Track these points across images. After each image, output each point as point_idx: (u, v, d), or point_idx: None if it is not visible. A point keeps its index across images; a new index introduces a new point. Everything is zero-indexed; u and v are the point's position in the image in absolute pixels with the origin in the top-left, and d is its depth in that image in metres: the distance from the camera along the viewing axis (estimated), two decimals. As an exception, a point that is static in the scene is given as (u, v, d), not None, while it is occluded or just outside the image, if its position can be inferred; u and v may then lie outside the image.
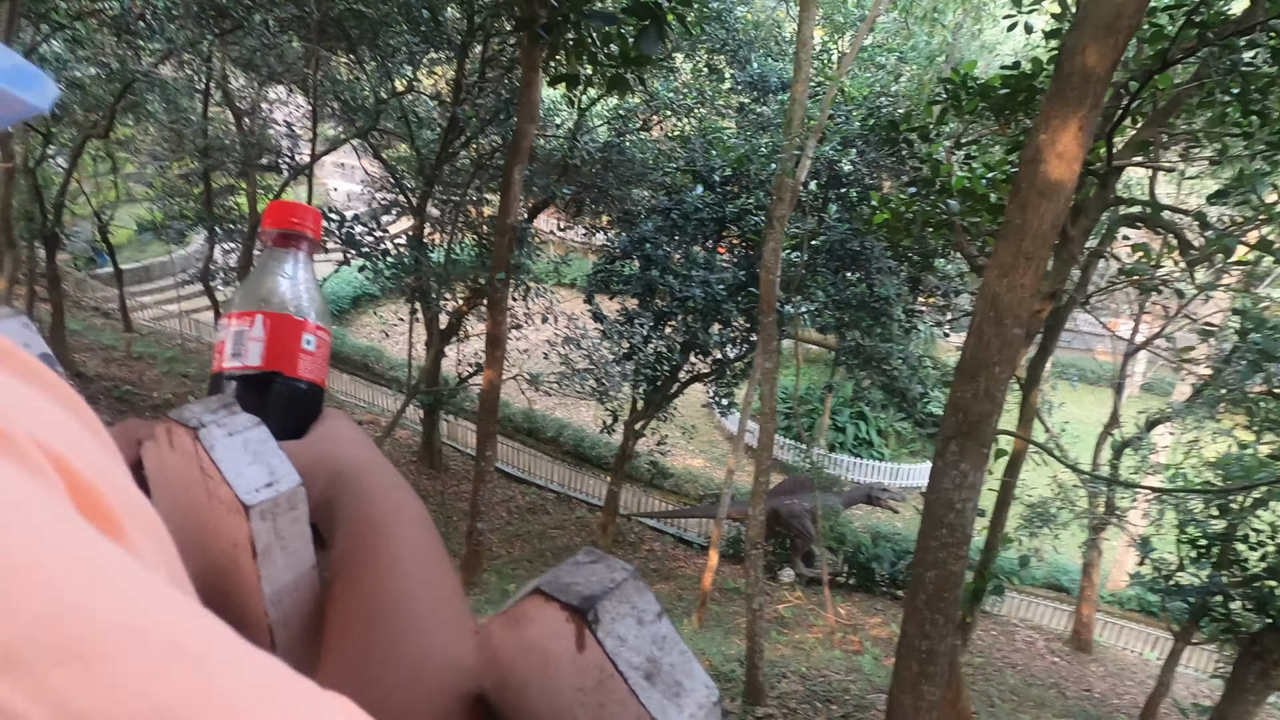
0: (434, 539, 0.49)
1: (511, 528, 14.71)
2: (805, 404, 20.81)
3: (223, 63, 11.55)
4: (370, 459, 0.55)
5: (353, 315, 24.42)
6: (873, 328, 11.34)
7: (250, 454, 0.38)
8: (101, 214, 17.09)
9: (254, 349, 0.55)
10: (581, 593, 0.31)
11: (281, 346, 0.56)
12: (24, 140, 12.77)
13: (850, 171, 10.79)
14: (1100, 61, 3.57)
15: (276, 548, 0.38)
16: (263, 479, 0.38)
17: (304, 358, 0.57)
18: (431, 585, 0.44)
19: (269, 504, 0.38)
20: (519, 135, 8.35)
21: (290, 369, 0.57)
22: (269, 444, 0.40)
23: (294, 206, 0.59)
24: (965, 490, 4.25)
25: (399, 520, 0.48)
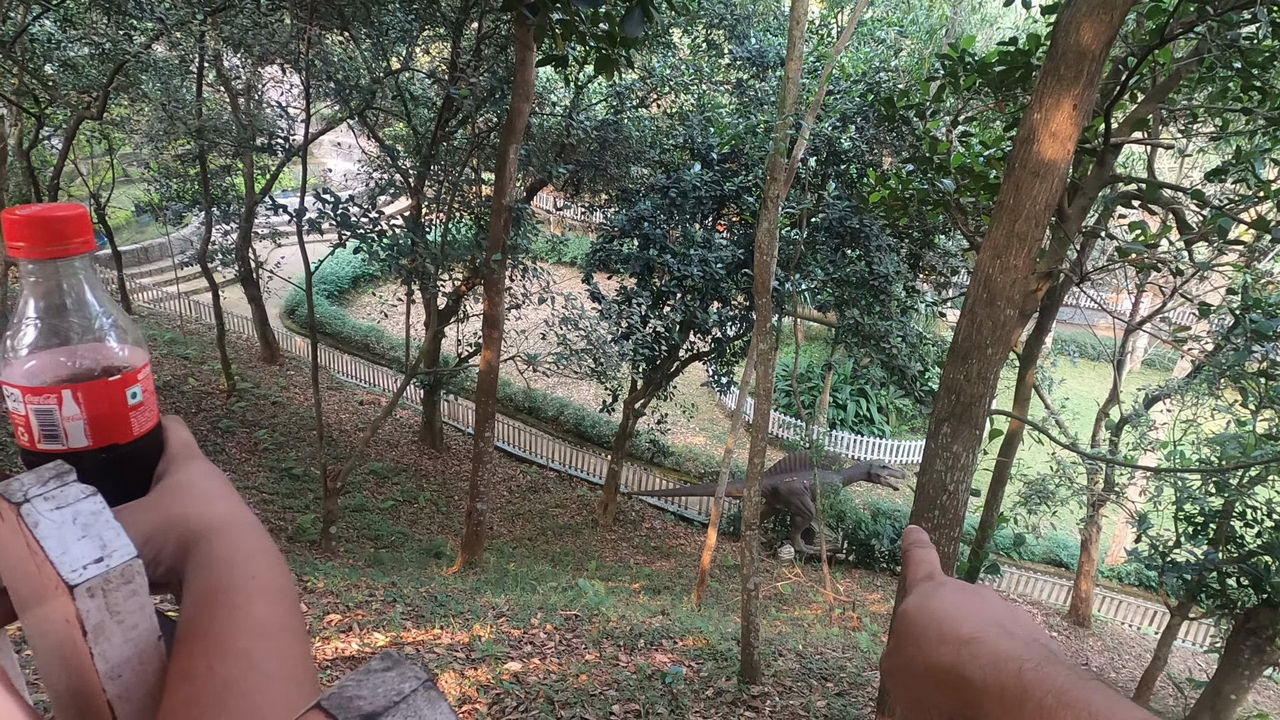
0: (282, 610, 0.46)
1: (513, 507, 14.78)
2: (806, 382, 20.79)
3: (215, 42, 11.42)
4: (224, 515, 0.50)
5: (352, 295, 24.40)
6: (872, 305, 11.29)
7: (80, 528, 0.37)
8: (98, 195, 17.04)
9: (74, 429, 0.48)
10: (361, 709, 0.29)
11: (107, 417, 0.50)
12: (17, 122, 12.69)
13: (849, 148, 10.69)
14: (1095, 39, 3.51)
15: (111, 623, 0.37)
16: (92, 554, 0.36)
17: (134, 415, 0.51)
18: (262, 670, 0.41)
19: (98, 581, 0.36)
20: (514, 114, 8.28)
21: (124, 437, 0.51)
22: (102, 515, 0.38)
23: (53, 221, 0.47)
24: (958, 472, 4.24)
25: (242, 591, 0.45)
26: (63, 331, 0.49)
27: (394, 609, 6.18)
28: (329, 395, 16.69)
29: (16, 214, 0.46)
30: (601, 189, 13.03)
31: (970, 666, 0.39)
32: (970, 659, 0.39)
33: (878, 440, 19.23)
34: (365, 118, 12.49)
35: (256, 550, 0.49)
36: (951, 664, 0.40)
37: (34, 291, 0.49)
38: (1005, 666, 0.38)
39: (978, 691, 0.38)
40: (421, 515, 13.02)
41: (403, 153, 14.02)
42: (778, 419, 19.60)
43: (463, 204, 12.33)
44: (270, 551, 0.50)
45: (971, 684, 0.39)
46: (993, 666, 0.38)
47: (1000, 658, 0.38)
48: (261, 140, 12.69)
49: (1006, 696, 0.36)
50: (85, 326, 0.50)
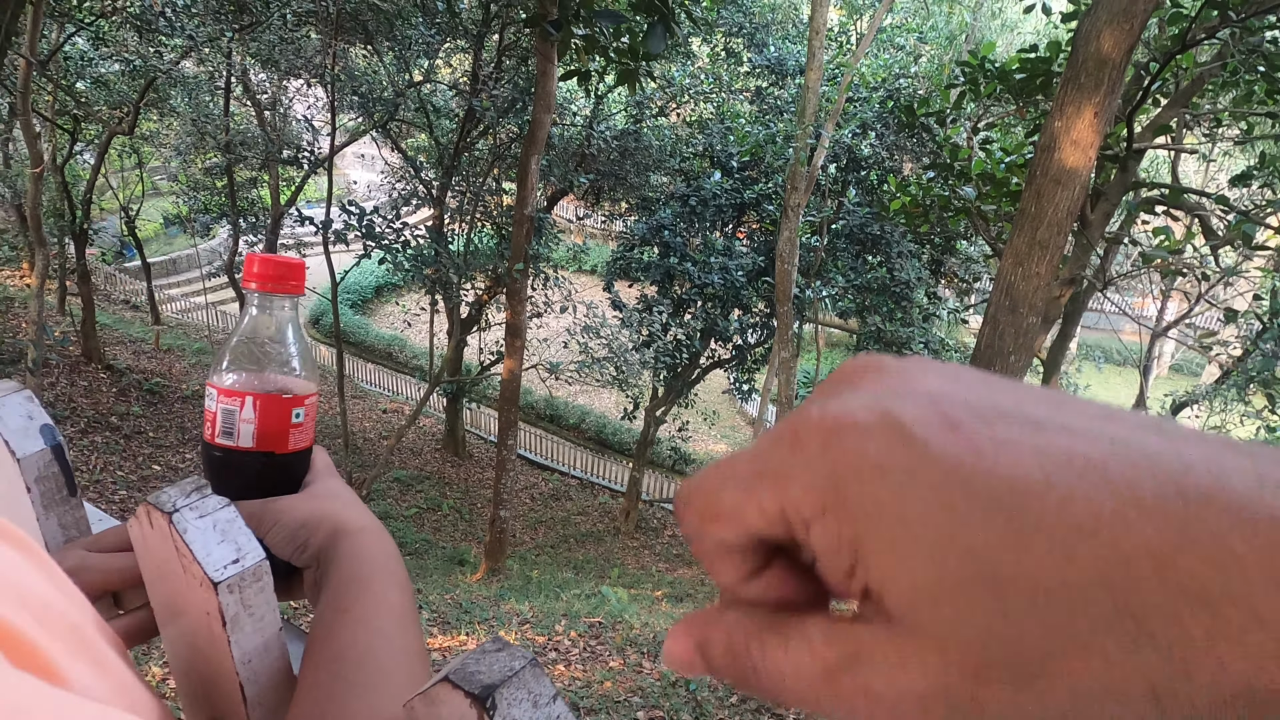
0: (409, 601, 0.54)
1: (535, 514, 14.86)
2: (827, 388, 20.71)
3: (242, 57, 11.65)
4: (366, 520, 0.59)
5: (376, 305, 24.65)
6: (894, 312, 11.28)
7: (219, 533, 0.43)
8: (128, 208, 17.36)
9: (245, 430, 0.57)
10: (482, 681, 0.35)
11: (272, 428, 0.58)
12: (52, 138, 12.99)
13: (870, 155, 10.71)
14: (1116, 47, 3.52)
15: (244, 616, 0.43)
16: (230, 556, 0.42)
17: (294, 432, 0.59)
18: (396, 645, 0.48)
19: (235, 579, 0.42)
20: (535, 125, 8.37)
21: (281, 448, 0.59)
22: (236, 523, 0.44)
23: (283, 264, 0.59)
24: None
25: (381, 580, 0.52)
26: (263, 353, 0.59)
27: (420, 615, 6.25)
28: (353, 404, 16.89)
29: (256, 255, 0.59)
30: (622, 198, 13.12)
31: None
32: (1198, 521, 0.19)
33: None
34: (388, 130, 12.67)
35: (391, 552, 0.58)
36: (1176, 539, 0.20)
37: (252, 317, 0.60)
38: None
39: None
40: (445, 523, 13.13)
41: (425, 164, 14.20)
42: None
43: (484, 214, 12.46)
44: (399, 556, 0.59)
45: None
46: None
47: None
48: (288, 153, 12.90)
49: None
50: (279, 353, 0.60)
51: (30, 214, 8.21)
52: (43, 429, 0.49)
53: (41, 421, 0.49)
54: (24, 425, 0.48)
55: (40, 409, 0.49)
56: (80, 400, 11.59)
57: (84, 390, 11.93)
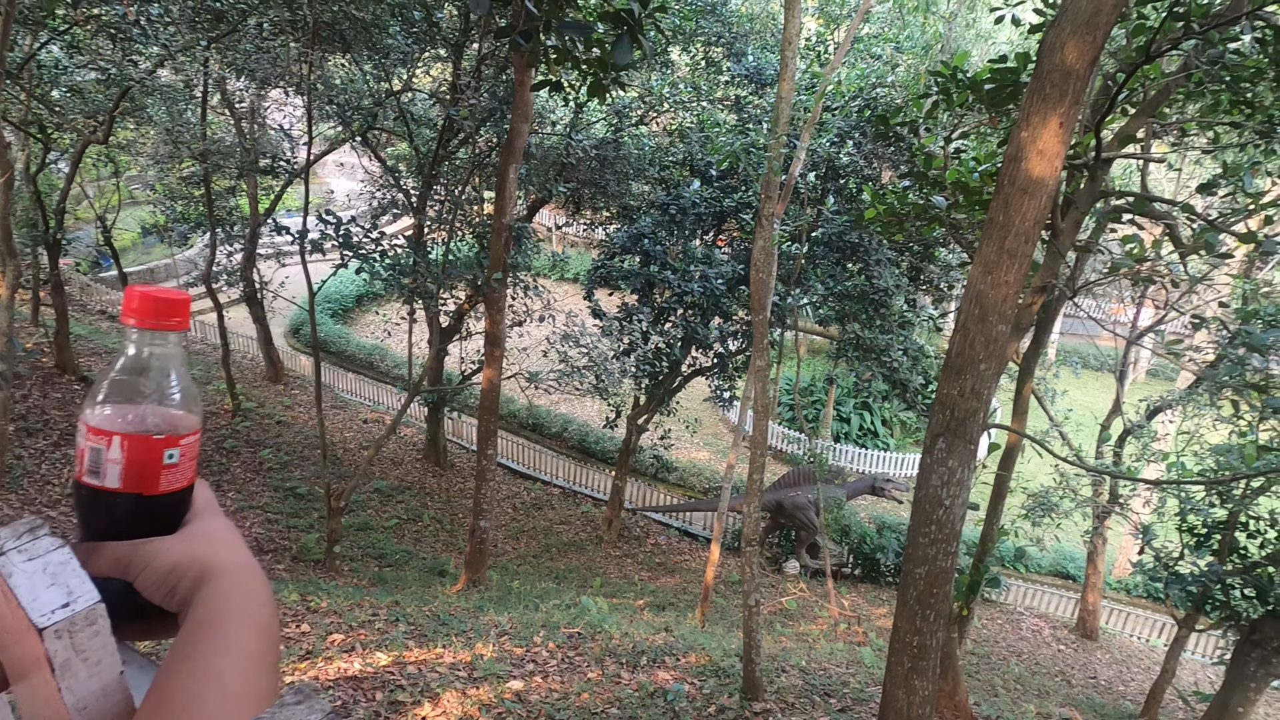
0: (262, 643, 0.52)
1: (517, 524, 14.79)
2: (809, 396, 20.80)
3: (219, 66, 11.57)
4: (235, 561, 0.57)
5: (356, 314, 24.53)
6: (872, 319, 11.33)
7: (49, 576, 0.41)
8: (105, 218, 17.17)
9: (111, 471, 0.55)
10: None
11: (140, 469, 0.56)
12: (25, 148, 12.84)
13: (848, 163, 10.77)
14: (1080, 58, 3.56)
15: (77, 661, 0.41)
16: (59, 600, 0.41)
17: (166, 474, 0.57)
18: (231, 691, 0.46)
19: (64, 624, 0.41)
20: (513, 134, 8.37)
21: (150, 489, 0.56)
22: (69, 565, 0.43)
23: (164, 300, 0.57)
24: (953, 487, 4.26)
25: (232, 623, 0.51)
26: (139, 389, 0.57)
27: (397, 628, 6.20)
28: (333, 414, 16.76)
29: (136, 290, 0.56)
30: (602, 206, 13.13)
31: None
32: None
33: (882, 454, 19.21)
34: (368, 138, 12.63)
35: (254, 592, 0.56)
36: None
37: (129, 352, 0.57)
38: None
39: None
40: (426, 533, 13.04)
41: (405, 172, 14.15)
42: (782, 433, 19.60)
43: (464, 223, 12.43)
44: (266, 596, 0.56)
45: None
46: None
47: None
48: (265, 162, 12.82)
49: None
50: (157, 391, 0.57)
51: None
52: None
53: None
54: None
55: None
56: (53, 413, 11.44)
57: (57, 402, 11.77)
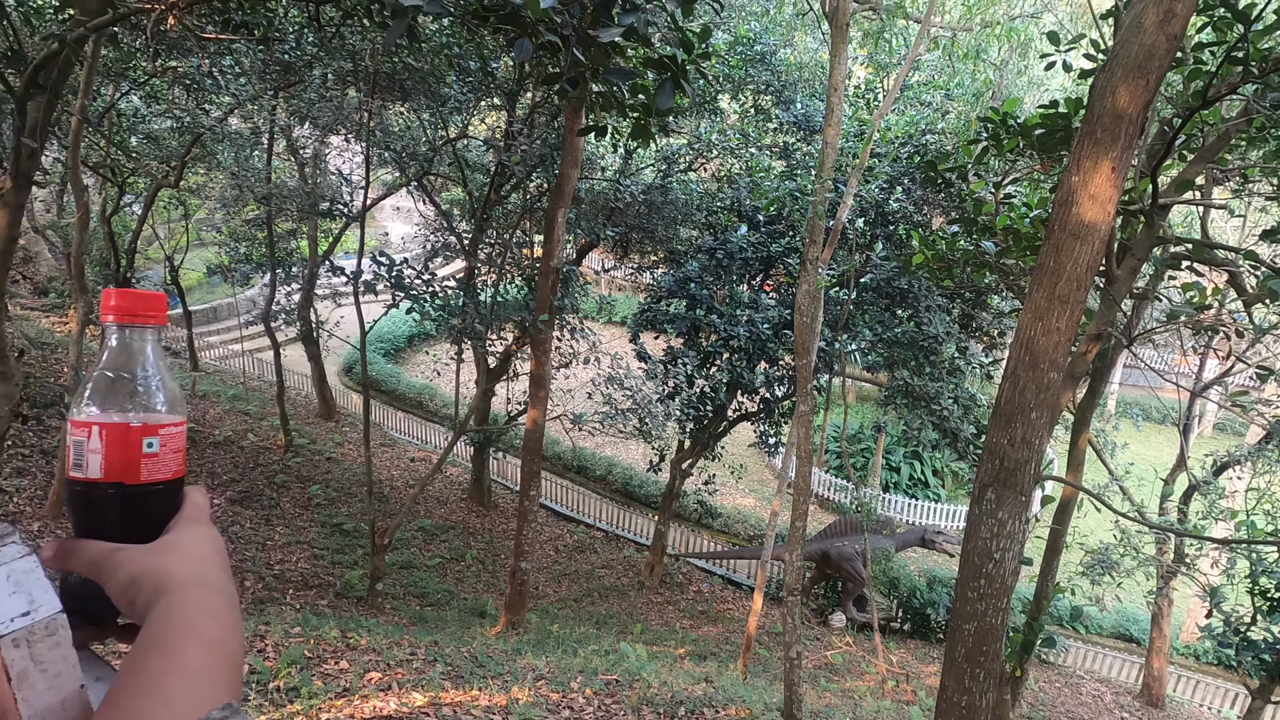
0: (214, 661, 0.50)
1: (559, 567, 14.70)
2: (857, 443, 20.43)
3: (285, 115, 12.08)
4: (195, 575, 0.55)
5: (407, 354, 24.97)
6: (922, 366, 11.14)
7: (12, 584, 0.41)
8: (173, 258, 17.91)
9: (93, 461, 0.57)
10: None
11: (119, 457, 0.57)
12: (102, 191, 13.50)
13: (897, 209, 10.71)
14: (1132, 102, 3.50)
15: (34, 672, 0.41)
16: (20, 609, 0.41)
17: (146, 462, 0.58)
18: (176, 711, 0.45)
19: (23, 632, 0.40)
20: (562, 179, 8.53)
21: (131, 478, 0.58)
22: (34, 574, 0.43)
23: (138, 296, 0.59)
24: (1004, 539, 4.12)
25: (182, 641, 0.49)
26: (119, 385, 0.59)
27: (434, 668, 6.16)
28: (382, 452, 16.99)
29: (113, 289, 0.59)
30: (650, 250, 13.24)
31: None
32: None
33: (932, 505, 18.70)
34: (423, 183, 12.99)
35: (211, 609, 0.53)
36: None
37: (112, 349, 0.60)
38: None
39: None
40: (468, 573, 13.04)
41: (458, 216, 14.50)
42: (829, 481, 19.24)
43: (514, 265, 12.64)
44: (223, 612, 0.54)
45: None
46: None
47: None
48: (325, 206, 13.26)
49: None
50: (134, 383, 0.59)
51: (74, 263, 8.50)
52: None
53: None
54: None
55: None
56: (115, 444, 11.79)
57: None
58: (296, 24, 9.30)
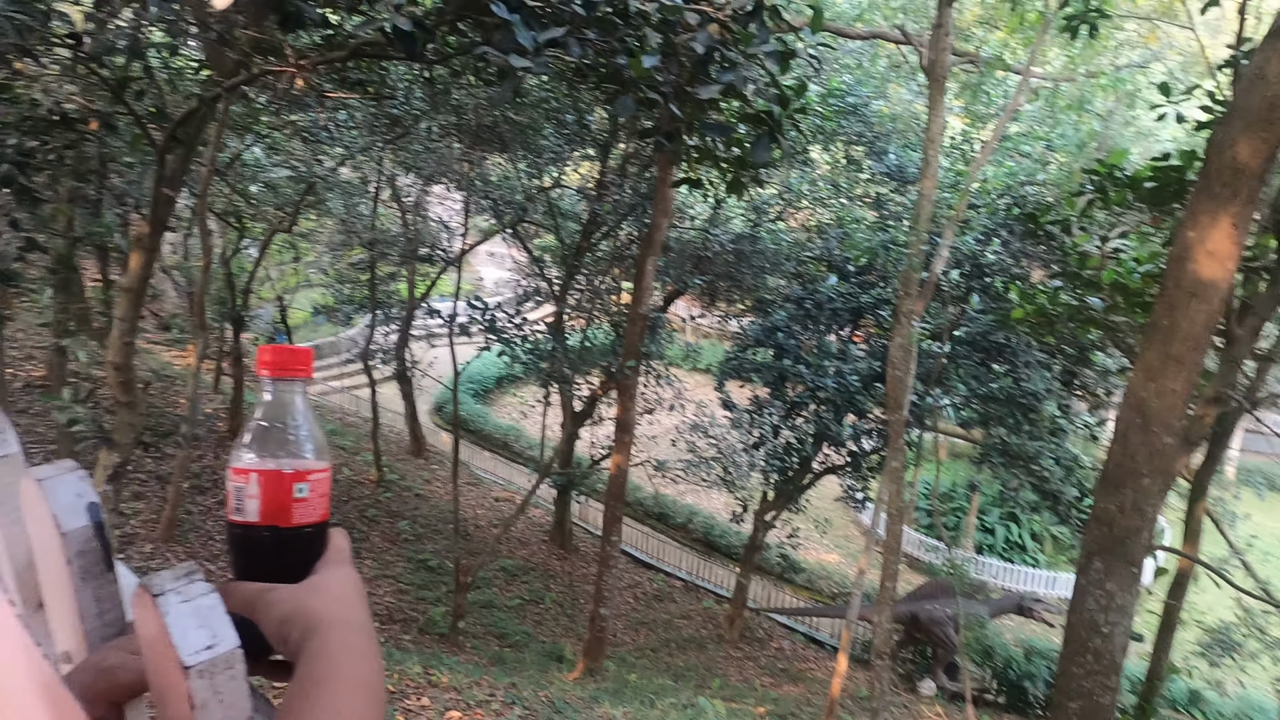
0: (367, 705, 0.53)
1: (637, 614, 14.56)
2: (949, 502, 19.66)
3: (392, 165, 12.73)
4: (343, 616, 0.58)
5: (495, 395, 25.53)
6: (1021, 425, 10.69)
7: (199, 618, 0.45)
8: (283, 298, 18.93)
9: (250, 506, 0.61)
10: None
11: (274, 503, 0.62)
12: (223, 235, 14.46)
13: (994, 261, 10.42)
14: (1253, 156, 3.34)
15: (214, 703, 0.45)
16: (205, 642, 0.44)
17: (297, 507, 0.63)
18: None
19: (207, 664, 0.44)
20: (653, 228, 8.67)
21: (284, 521, 0.62)
22: (217, 610, 0.47)
23: (288, 352, 0.64)
24: (1112, 613, 3.87)
25: (337, 682, 0.52)
26: (273, 434, 0.64)
27: (512, 711, 6.17)
28: (468, 490, 17.32)
29: (268, 347, 0.64)
30: (737, 299, 13.26)
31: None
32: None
33: (1030, 570, 17.75)
34: (518, 230, 13.42)
35: (359, 651, 0.57)
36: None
37: (266, 401, 0.65)
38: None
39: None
40: (547, 616, 13.05)
41: (549, 262, 14.89)
42: (919, 541, 18.53)
43: (602, 311, 12.85)
44: (371, 655, 0.57)
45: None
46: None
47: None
48: (425, 251, 13.83)
49: None
50: (285, 432, 0.64)
51: (196, 302, 9.10)
52: (88, 507, 0.54)
53: (88, 500, 0.54)
54: (73, 502, 0.53)
55: (90, 488, 0.54)
56: (221, 473, 12.41)
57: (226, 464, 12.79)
58: (406, 80, 9.84)
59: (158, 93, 6.08)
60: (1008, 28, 8.97)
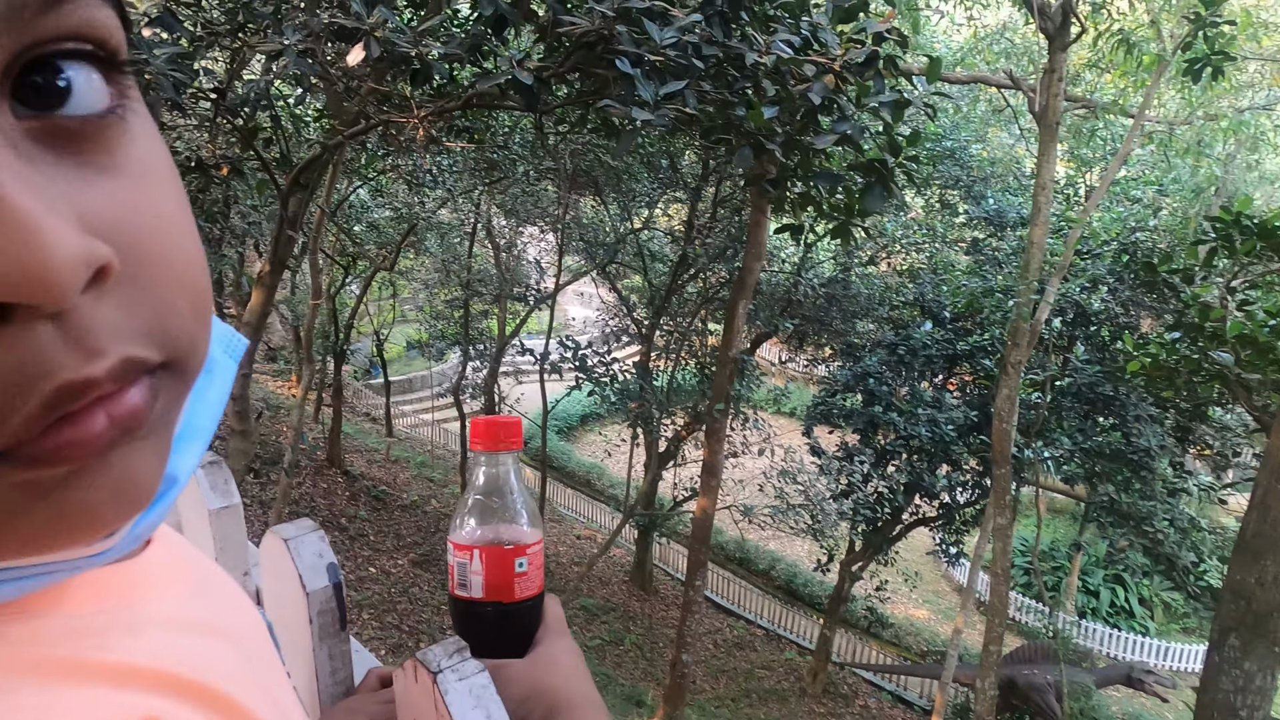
0: None
1: (718, 661, 14.27)
2: (1049, 561, 18.67)
3: (488, 207, 13.17)
4: (585, 695, 0.60)
5: (579, 433, 25.75)
6: (1130, 482, 10.10)
7: (474, 698, 0.46)
8: (380, 333, 19.69)
9: (475, 582, 0.63)
10: None
11: (497, 579, 0.63)
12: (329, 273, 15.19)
13: (1101, 310, 9.98)
14: None
15: None
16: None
17: (519, 581, 0.64)
18: None
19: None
20: (745, 272, 8.66)
21: (507, 597, 0.63)
22: (489, 690, 0.48)
23: (500, 425, 0.66)
24: (1251, 695, 3.57)
25: None
26: (489, 507, 0.66)
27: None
28: (550, 527, 17.44)
29: (480, 420, 0.66)
30: (826, 343, 13.07)
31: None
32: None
33: (1139, 638, 16.61)
34: (607, 271, 13.64)
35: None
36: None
37: (481, 474, 0.67)
38: None
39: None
40: (626, 658, 12.93)
41: (637, 303, 15.05)
42: (1015, 600, 17.61)
43: (689, 352, 12.86)
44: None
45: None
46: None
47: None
48: (517, 290, 14.19)
49: None
50: (503, 506, 0.66)
51: (305, 336, 9.55)
52: (329, 567, 0.56)
53: (329, 560, 0.56)
54: (315, 563, 0.55)
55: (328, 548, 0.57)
56: (319, 500, 12.89)
57: (323, 491, 13.27)
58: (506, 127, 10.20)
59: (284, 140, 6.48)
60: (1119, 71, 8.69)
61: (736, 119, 2.81)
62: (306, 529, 0.57)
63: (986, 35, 11.41)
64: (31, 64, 0.24)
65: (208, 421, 0.39)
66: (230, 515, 0.63)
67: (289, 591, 0.55)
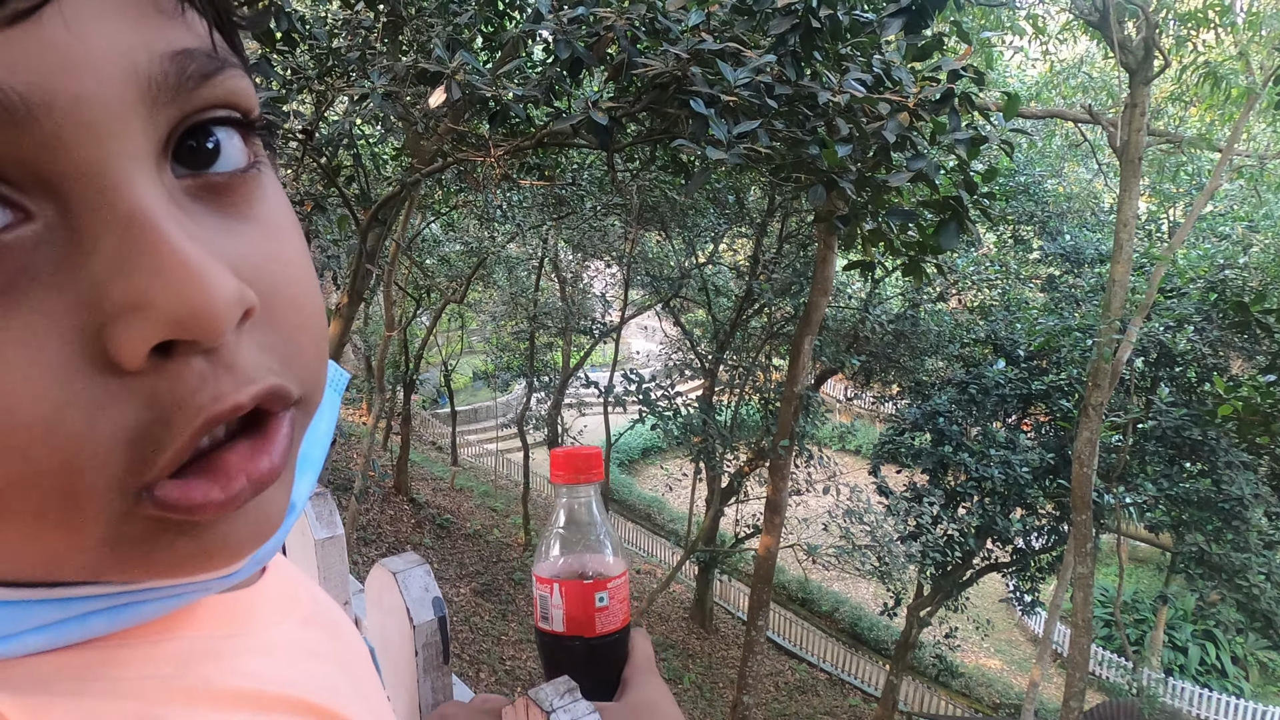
0: None
1: (779, 705, 13.93)
2: (1132, 613, 17.74)
3: (555, 241, 13.42)
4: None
5: (640, 466, 25.72)
6: (1221, 532, 9.56)
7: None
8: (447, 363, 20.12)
9: (556, 615, 0.63)
10: None
11: (579, 612, 0.63)
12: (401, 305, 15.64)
13: (1187, 350, 9.56)
14: None
15: None
16: None
17: (600, 616, 0.63)
18: None
19: None
20: (811, 307, 8.60)
21: (589, 631, 0.63)
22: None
23: (580, 457, 0.66)
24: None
25: None
26: (571, 539, 0.66)
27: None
28: (610, 560, 17.37)
29: (559, 453, 0.66)
30: (893, 380, 12.81)
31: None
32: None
33: (1234, 700, 15.60)
34: (670, 305, 13.69)
35: None
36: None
37: (562, 507, 0.67)
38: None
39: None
40: (685, 698, 12.73)
41: (701, 337, 15.05)
42: (1095, 653, 16.76)
43: (753, 388, 12.76)
44: None
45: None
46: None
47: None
48: (583, 323, 14.36)
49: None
50: (585, 537, 0.66)
51: (377, 366, 9.81)
52: (434, 601, 0.58)
53: (434, 594, 0.58)
54: (421, 596, 0.57)
55: (434, 582, 0.58)
56: (385, 527, 13.14)
57: (390, 518, 13.52)
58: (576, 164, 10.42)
59: (364, 178, 6.74)
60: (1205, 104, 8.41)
61: (809, 157, 2.82)
62: (414, 563, 0.59)
63: (1063, 69, 11.19)
64: (188, 129, 0.28)
65: (318, 452, 0.41)
66: (334, 545, 0.66)
67: (394, 624, 0.56)
